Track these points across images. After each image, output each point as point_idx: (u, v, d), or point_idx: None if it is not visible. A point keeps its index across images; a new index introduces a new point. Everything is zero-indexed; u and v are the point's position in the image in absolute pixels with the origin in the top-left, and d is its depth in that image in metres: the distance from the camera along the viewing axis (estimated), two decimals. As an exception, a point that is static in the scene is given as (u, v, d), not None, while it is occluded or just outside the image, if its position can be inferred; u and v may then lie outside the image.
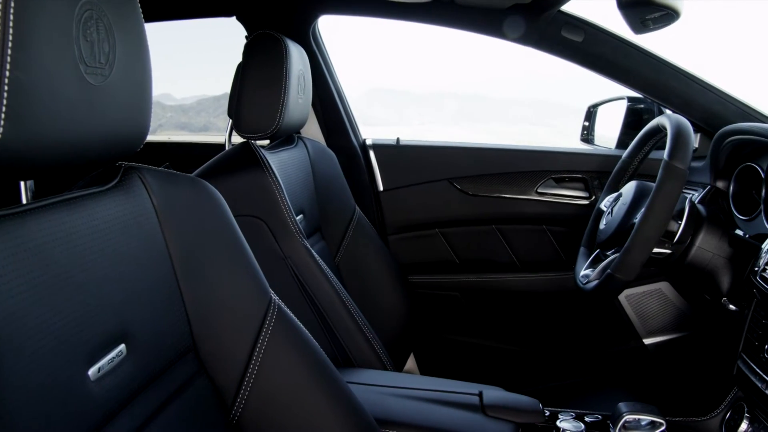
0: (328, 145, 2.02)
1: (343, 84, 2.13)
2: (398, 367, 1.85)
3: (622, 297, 2.00)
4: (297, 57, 1.54)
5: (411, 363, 2.03)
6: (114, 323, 0.72)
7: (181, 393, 0.84)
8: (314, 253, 1.42)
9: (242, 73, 1.49)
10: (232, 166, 1.44)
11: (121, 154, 0.77)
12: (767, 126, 1.54)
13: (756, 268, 1.28)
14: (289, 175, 1.57)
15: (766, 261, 1.26)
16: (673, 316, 2.00)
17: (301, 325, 0.99)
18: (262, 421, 0.92)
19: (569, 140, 2.31)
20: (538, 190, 2.04)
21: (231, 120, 1.54)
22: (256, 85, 1.47)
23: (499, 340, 2.12)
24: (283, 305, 0.97)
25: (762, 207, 1.51)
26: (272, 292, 0.97)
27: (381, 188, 2.10)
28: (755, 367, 1.23)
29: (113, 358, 0.71)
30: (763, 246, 1.31)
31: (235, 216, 0.97)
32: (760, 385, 1.20)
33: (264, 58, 1.47)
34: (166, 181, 0.87)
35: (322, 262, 1.43)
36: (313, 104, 2.05)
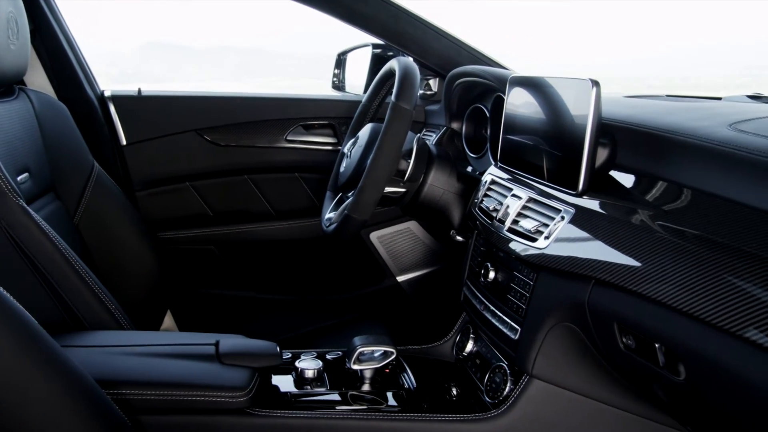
0: (59, 97, 1.83)
1: (115, 37, 2.00)
2: (154, 326, 1.78)
3: (374, 238, 2.08)
4: None
5: (169, 321, 1.95)
6: None
7: None
8: (33, 213, 1.28)
9: None
10: None
11: None
12: (491, 69, 1.66)
13: (476, 200, 1.38)
14: (6, 130, 1.40)
15: (483, 193, 1.36)
16: (423, 253, 2.12)
17: (3, 291, 0.89)
18: None
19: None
20: (288, 138, 2.03)
21: None
22: None
23: (258, 291, 2.11)
24: None
25: (488, 144, 1.63)
26: None
27: (124, 142, 1.96)
28: (476, 291, 1.34)
29: None
30: (482, 179, 1.42)
31: None
32: (479, 307, 1.30)
33: None
34: None
35: (44, 223, 1.30)
36: (39, 54, 1.87)
